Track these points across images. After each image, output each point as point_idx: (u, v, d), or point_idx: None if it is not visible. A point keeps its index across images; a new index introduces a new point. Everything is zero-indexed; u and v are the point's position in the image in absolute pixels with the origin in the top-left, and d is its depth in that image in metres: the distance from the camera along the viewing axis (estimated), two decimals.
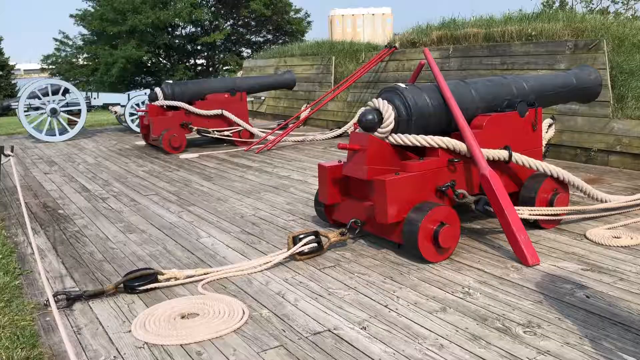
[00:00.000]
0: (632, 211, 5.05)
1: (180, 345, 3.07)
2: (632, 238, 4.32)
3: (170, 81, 10.70)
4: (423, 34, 10.41)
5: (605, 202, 4.97)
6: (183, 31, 29.39)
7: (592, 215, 4.90)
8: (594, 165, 7.06)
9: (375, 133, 4.37)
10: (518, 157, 4.66)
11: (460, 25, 9.93)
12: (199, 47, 30.14)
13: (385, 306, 3.42)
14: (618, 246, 4.21)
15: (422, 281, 3.77)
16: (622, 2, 21.43)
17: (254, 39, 31.47)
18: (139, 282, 3.78)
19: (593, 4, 21.79)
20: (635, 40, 7.56)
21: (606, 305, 3.27)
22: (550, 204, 4.66)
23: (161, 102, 9.89)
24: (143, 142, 10.87)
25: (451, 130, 4.61)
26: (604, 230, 4.55)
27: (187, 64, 30.37)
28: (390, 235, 4.30)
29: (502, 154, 4.61)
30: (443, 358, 2.80)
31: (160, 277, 3.86)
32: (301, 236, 4.25)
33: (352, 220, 4.44)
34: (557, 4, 21.06)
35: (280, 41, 30.10)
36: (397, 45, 10.71)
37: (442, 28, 10.21)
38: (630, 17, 14.83)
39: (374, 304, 3.46)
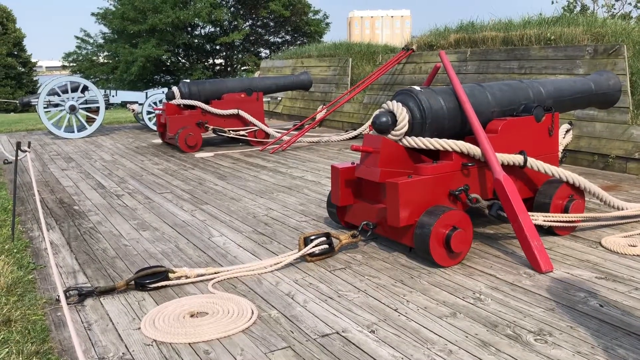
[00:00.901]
0: None
1: (189, 343, 3.07)
2: None
3: (188, 80, 10.77)
4: (441, 36, 10.36)
5: (622, 209, 4.90)
6: (202, 31, 29.56)
7: (608, 222, 4.83)
8: (611, 172, 6.96)
9: (389, 135, 4.35)
10: (533, 163, 4.60)
11: (479, 28, 9.86)
12: (217, 47, 30.29)
13: (395, 310, 3.40)
14: (634, 255, 4.14)
15: (433, 285, 3.74)
16: None
17: (272, 40, 31.57)
18: (150, 280, 3.80)
19: (615, 8, 21.51)
20: None
21: (620, 315, 3.22)
22: (566, 210, 4.60)
23: (178, 100, 9.95)
24: (159, 141, 10.94)
25: (465, 133, 4.57)
26: (620, 238, 4.47)
27: (206, 63, 30.54)
28: (402, 239, 4.27)
29: (517, 158, 4.56)
30: None
31: (171, 275, 3.87)
32: (312, 237, 4.24)
33: (364, 222, 4.42)
34: (578, 8, 20.81)
35: (299, 42, 30.16)
36: (414, 47, 10.67)
37: (460, 31, 10.15)
38: None
39: (384, 307, 3.44)
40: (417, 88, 4.48)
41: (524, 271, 3.93)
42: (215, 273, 4.00)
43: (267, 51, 31.08)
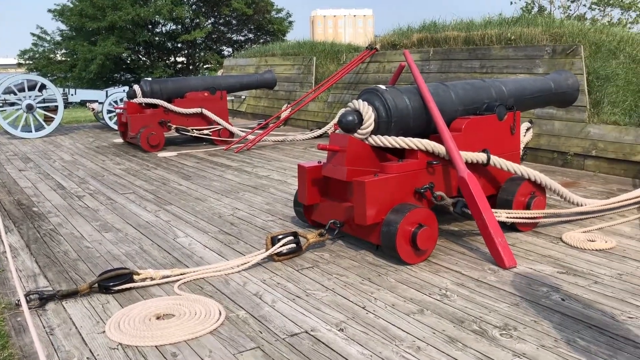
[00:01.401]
0: (607, 215, 5.12)
1: (155, 346, 3.02)
2: (606, 242, 4.37)
3: (149, 79, 10.60)
4: (404, 36, 10.45)
5: (581, 205, 5.04)
6: (163, 28, 29.11)
7: (568, 218, 4.95)
8: (570, 169, 7.15)
9: (355, 134, 4.36)
10: (496, 160, 4.69)
11: (441, 28, 10.00)
12: (179, 45, 29.88)
13: (363, 308, 3.41)
14: (593, 249, 4.26)
15: (400, 283, 3.77)
16: (598, 9, 21.78)
17: (235, 38, 31.32)
18: (114, 282, 3.72)
19: (571, 10, 22.11)
20: (611, 47, 7.67)
21: (581, 308, 3.31)
22: (528, 207, 4.70)
23: (139, 99, 9.78)
24: (121, 140, 10.74)
25: (430, 132, 4.62)
26: (580, 234, 4.60)
27: (167, 61, 30.09)
28: (369, 237, 4.30)
29: (481, 156, 4.64)
30: None
31: (135, 277, 3.80)
32: (280, 237, 4.22)
33: (331, 221, 4.43)
34: (535, 9, 21.30)
35: (262, 40, 29.99)
36: (377, 47, 10.74)
37: (423, 31, 10.27)
38: (607, 23, 15.08)
39: (352, 305, 3.45)
40: (383, 87, 4.51)
41: (488, 267, 4.00)
42: (182, 274, 3.94)
43: (230, 49, 30.82)
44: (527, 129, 7.44)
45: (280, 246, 4.17)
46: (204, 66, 31.20)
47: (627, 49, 7.69)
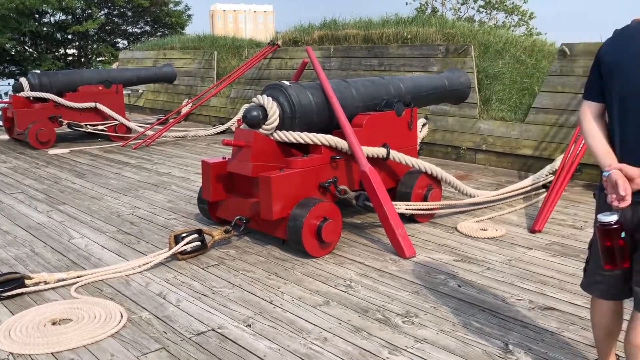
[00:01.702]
0: (497, 205, 5.46)
1: (51, 353, 2.86)
2: (497, 230, 4.67)
3: (38, 71, 9.95)
4: (305, 32, 10.55)
5: (474, 197, 5.34)
6: (52, 18, 27.41)
7: (462, 209, 5.24)
8: (463, 163, 7.56)
9: (260, 130, 4.35)
10: (395, 155, 4.86)
11: (341, 26, 10.19)
12: (69, 36, 28.26)
13: (270, 302, 3.42)
14: (485, 238, 4.54)
15: (306, 276, 3.82)
16: (485, 12, 23.13)
17: (130, 30, 30.08)
18: (3, 288, 3.48)
19: (461, 12, 23.31)
20: (498, 47, 8.19)
21: (475, 293, 3.51)
22: (425, 199, 4.92)
23: (27, 93, 9.16)
24: (6, 136, 10.00)
25: (333, 128, 4.71)
26: (473, 223, 4.88)
27: (57, 53, 28.36)
28: (275, 232, 4.31)
29: (381, 151, 4.79)
30: (327, 351, 2.86)
31: (27, 281, 3.58)
32: (183, 235, 4.13)
33: (237, 217, 4.39)
34: (429, 10, 22.26)
35: (159, 33, 29.04)
36: (279, 43, 10.76)
37: (324, 28, 10.42)
38: (494, 25, 16.03)
39: (259, 300, 3.45)
40: (287, 83, 4.53)
41: (389, 257, 4.14)
42: (78, 277, 3.76)
43: (125, 42, 29.59)
44: (423, 125, 7.77)
45: (185, 244, 4.08)
46: (98, 59, 29.72)
47: (511, 50, 8.24)
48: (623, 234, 2.05)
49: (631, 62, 2.11)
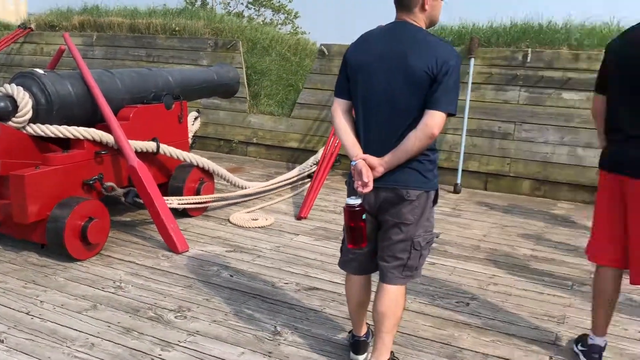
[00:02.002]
0: (267, 195, 5.71)
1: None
2: (267, 219, 4.89)
3: None
4: (63, 17, 9.70)
5: (245, 188, 5.51)
6: None
7: (234, 201, 5.37)
8: (235, 155, 7.73)
9: (9, 122, 3.91)
10: (166, 149, 4.78)
11: (104, 12, 9.61)
12: None
13: (27, 313, 3.13)
14: (256, 227, 4.72)
15: (70, 281, 3.57)
16: (254, 9, 23.83)
17: None
18: None
19: (230, 6, 23.66)
20: (265, 44, 8.52)
21: (247, 281, 3.65)
22: (198, 192, 4.93)
23: None
24: None
25: (97, 121, 4.44)
26: (244, 214, 5.04)
27: None
28: (32, 236, 3.93)
29: (150, 145, 4.66)
30: (94, 357, 2.72)
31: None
32: None
33: None
34: (199, 3, 22.15)
35: None
36: (32, 26, 9.73)
37: (85, 13, 9.71)
38: (261, 22, 16.63)
39: (14, 313, 3.13)
40: (40, 71, 4.14)
41: (162, 254, 4.07)
42: None
43: None
44: (195, 118, 7.71)
45: None
46: None
47: (277, 48, 8.64)
48: (364, 216, 2.33)
49: (373, 65, 2.38)
